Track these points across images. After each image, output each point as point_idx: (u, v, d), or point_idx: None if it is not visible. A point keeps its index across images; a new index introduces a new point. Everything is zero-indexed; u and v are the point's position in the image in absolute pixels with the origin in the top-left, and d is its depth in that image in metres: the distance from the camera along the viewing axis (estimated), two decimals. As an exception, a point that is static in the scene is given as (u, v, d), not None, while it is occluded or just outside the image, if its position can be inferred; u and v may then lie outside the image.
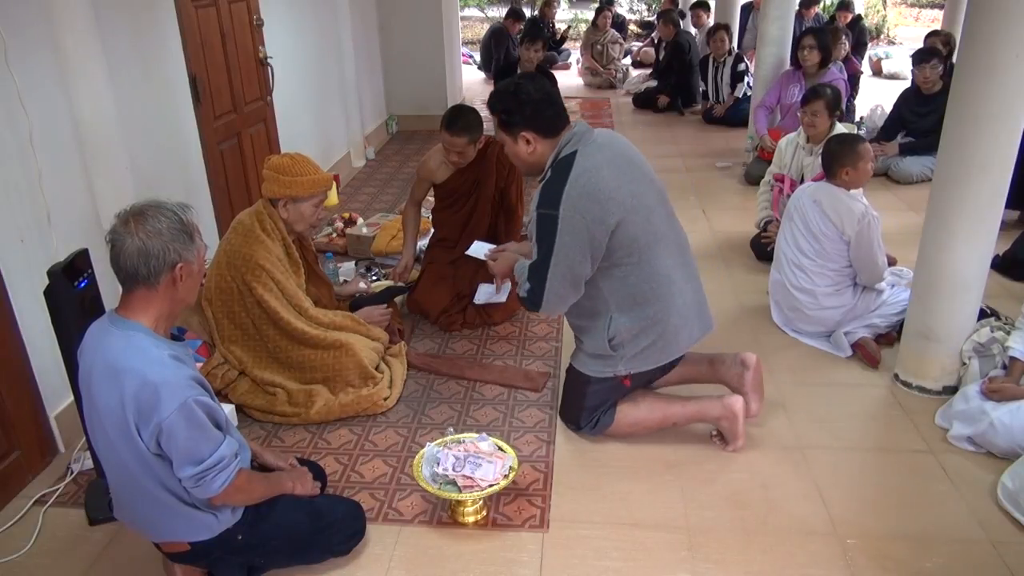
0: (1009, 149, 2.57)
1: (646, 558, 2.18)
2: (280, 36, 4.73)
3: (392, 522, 2.33)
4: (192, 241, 1.76)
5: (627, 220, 2.33)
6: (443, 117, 3.32)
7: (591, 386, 2.59)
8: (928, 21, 14.70)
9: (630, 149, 2.50)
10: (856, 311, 3.21)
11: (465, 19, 13.73)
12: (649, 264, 2.41)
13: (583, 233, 2.30)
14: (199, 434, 1.73)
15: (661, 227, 2.45)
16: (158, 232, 1.70)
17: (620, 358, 2.50)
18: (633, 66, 10.27)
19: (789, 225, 3.28)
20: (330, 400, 2.82)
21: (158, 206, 1.74)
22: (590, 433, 2.67)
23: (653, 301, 2.43)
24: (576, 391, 2.64)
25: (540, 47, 6.04)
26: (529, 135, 2.41)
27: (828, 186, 3.17)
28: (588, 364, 2.57)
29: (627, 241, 2.36)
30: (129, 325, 1.75)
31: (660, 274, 2.43)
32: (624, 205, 2.32)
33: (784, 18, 5.60)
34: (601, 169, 2.33)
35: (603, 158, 2.36)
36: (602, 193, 2.30)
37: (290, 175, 2.75)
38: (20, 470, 2.53)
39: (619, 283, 2.42)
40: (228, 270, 2.76)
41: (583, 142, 2.38)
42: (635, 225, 2.35)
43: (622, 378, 2.54)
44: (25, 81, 2.46)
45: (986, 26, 2.47)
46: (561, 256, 2.33)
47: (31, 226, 2.56)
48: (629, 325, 2.46)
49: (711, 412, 2.59)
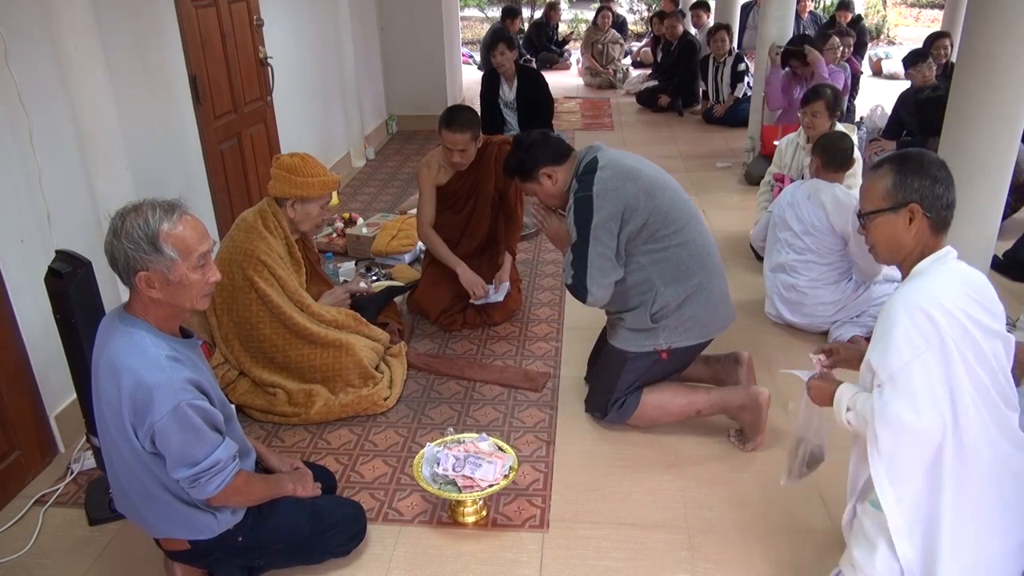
0: (1009, 149, 2.58)
1: (646, 558, 2.18)
2: (280, 36, 4.73)
3: (392, 522, 2.33)
4: (157, 251, 1.67)
5: (658, 192, 2.50)
6: (440, 118, 3.32)
7: (628, 363, 2.62)
8: (928, 21, 14.70)
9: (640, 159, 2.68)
10: (849, 308, 3.21)
11: (465, 19, 13.73)
12: (686, 235, 2.53)
13: (617, 203, 2.46)
14: (193, 437, 1.73)
15: (689, 206, 2.60)
16: (123, 237, 1.66)
17: (663, 329, 2.56)
18: (633, 66, 10.27)
19: (783, 219, 3.29)
20: (330, 400, 2.82)
21: (138, 209, 1.69)
22: (616, 418, 2.68)
23: (697, 271, 2.54)
24: (612, 370, 2.67)
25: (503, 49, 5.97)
26: (546, 169, 2.62)
27: (824, 183, 3.19)
28: (629, 340, 2.61)
29: (662, 214, 2.49)
30: (132, 322, 1.75)
31: (700, 245, 2.56)
32: (652, 180, 2.52)
33: (784, 18, 5.60)
34: (625, 159, 2.58)
35: (624, 155, 2.61)
36: (632, 171, 2.52)
37: (301, 175, 2.76)
38: (20, 470, 2.53)
39: (661, 256, 2.52)
40: (230, 266, 2.76)
41: (598, 150, 2.60)
42: (666, 200, 2.51)
43: (661, 351, 2.58)
44: (25, 81, 2.47)
45: (986, 26, 2.47)
46: (600, 231, 2.46)
47: (31, 226, 2.56)
48: (675, 295, 2.53)
49: (734, 400, 2.60)
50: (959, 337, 1.61)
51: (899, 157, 1.75)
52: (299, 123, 5.07)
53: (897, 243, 1.75)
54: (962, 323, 1.62)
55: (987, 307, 1.71)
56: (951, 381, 1.61)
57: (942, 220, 1.72)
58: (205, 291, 1.80)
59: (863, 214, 1.78)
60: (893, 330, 1.63)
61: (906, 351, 1.60)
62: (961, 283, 1.70)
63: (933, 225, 1.71)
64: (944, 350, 1.60)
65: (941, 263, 1.72)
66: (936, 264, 1.71)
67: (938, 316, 1.61)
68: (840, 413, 1.80)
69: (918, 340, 1.60)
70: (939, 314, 1.61)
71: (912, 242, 1.73)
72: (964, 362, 1.62)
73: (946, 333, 1.60)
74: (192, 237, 1.73)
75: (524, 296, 3.76)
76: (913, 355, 1.60)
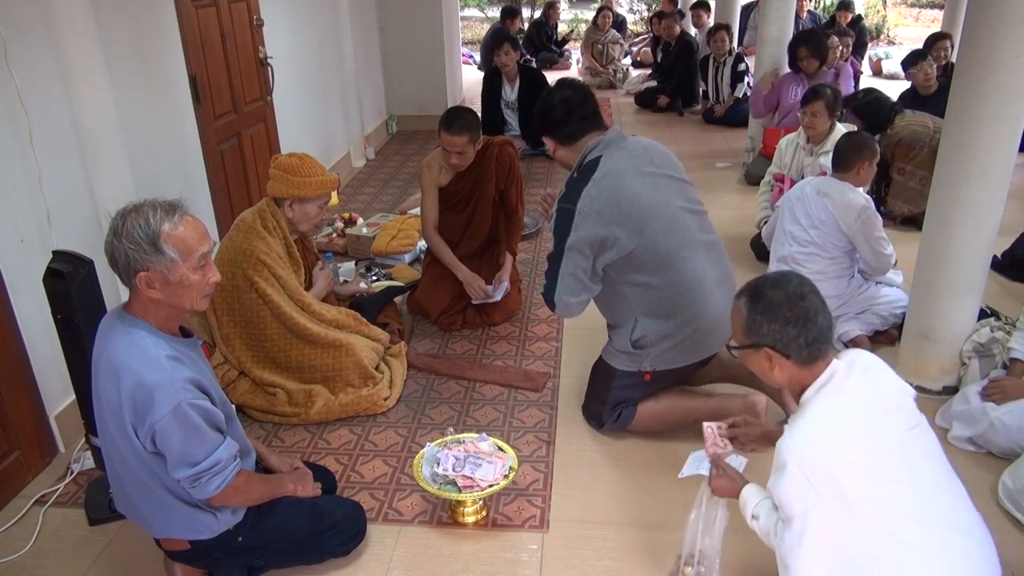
0: (1009, 149, 2.58)
1: (646, 558, 2.18)
2: (280, 36, 4.73)
3: (392, 522, 2.33)
4: (157, 252, 1.67)
5: (650, 225, 2.37)
6: (440, 120, 3.32)
7: (616, 379, 2.61)
8: (928, 21, 14.71)
9: (662, 156, 2.53)
10: (851, 303, 3.21)
11: (465, 19, 13.73)
12: (676, 272, 2.42)
13: (597, 230, 2.35)
14: (194, 437, 1.73)
15: (687, 233, 2.45)
16: (123, 237, 1.66)
17: (645, 356, 2.52)
18: (633, 66, 10.27)
19: (788, 214, 3.29)
20: (330, 400, 2.82)
21: (139, 209, 1.69)
22: (612, 428, 2.68)
23: (682, 308, 2.44)
24: (602, 383, 2.67)
25: (508, 49, 6.01)
26: (548, 139, 2.56)
27: (834, 180, 3.19)
28: (615, 357, 2.61)
29: (648, 250, 2.38)
30: (132, 322, 1.75)
31: (688, 280, 2.43)
32: (645, 209, 2.37)
33: (784, 18, 5.60)
34: (624, 174, 2.39)
35: (628, 165, 2.42)
36: (624, 198, 2.36)
37: (299, 175, 2.76)
38: (20, 470, 2.53)
39: (643, 290, 2.45)
40: (229, 266, 2.76)
41: (611, 147, 2.45)
42: (658, 233, 2.38)
43: (644, 373, 2.56)
44: (25, 81, 2.47)
45: (986, 26, 2.47)
46: (574, 251, 2.39)
47: (31, 226, 2.56)
48: (656, 329, 2.47)
49: (732, 408, 2.59)
50: (858, 480, 1.52)
51: (752, 291, 1.68)
52: (299, 123, 5.07)
53: (769, 377, 1.69)
54: (853, 460, 1.54)
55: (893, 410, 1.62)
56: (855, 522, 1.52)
57: (806, 357, 1.62)
58: (205, 292, 1.80)
59: (731, 347, 1.75)
60: (784, 480, 1.56)
61: (798, 503, 1.55)
62: (856, 407, 1.60)
63: (798, 362, 1.63)
64: (840, 496, 1.52)
65: (824, 395, 1.61)
66: (820, 396, 1.61)
67: (829, 465, 1.53)
68: (746, 517, 1.78)
69: (809, 494, 1.53)
70: (834, 466, 1.53)
71: (783, 377, 1.66)
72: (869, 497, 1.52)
73: (845, 484, 1.52)
74: (193, 238, 1.73)
75: (524, 296, 3.76)
76: (806, 507, 1.54)
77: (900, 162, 4.42)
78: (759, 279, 1.72)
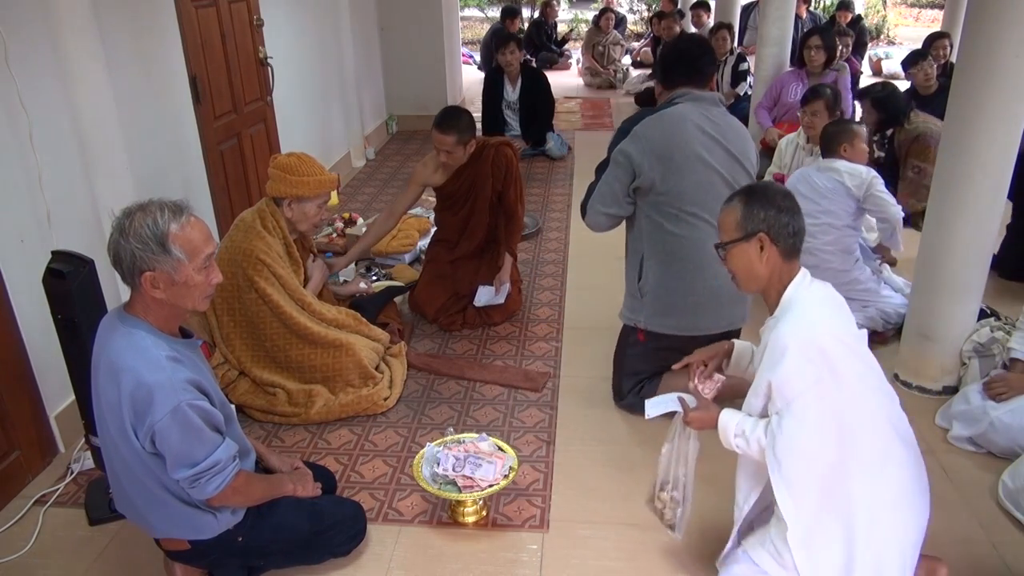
0: (1009, 149, 2.58)
1: (646, 558, 2.18)
2: (280, 36, 4.73)
3: (392, 522, 2.33)
4: (165, 252, 1.67)
5: (687, 174, 2.47)
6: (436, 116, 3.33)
7: (627, 344, 2.74)
8: (928, 21, 14.70)
9: (735, 133, 2.58)
10: (857, 292, 3.20)
11: (465, 19, 13.73)
12: (689, 228, 2.52)
13: (639, 155, 2.47)
14: (193, 438, 1.73)
15: (715, 203, 2.46)
16: (130, 237, 1.67)
17: (643, 307, 2.63)
18: (633, 66, 10.27)
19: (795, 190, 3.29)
20: (330, 400, 2.82)
21: (145, 209, 1.70)
22: (633, 401, 2.72)
23: (682, 261, 2.54)
24: (619, 350, 2.82)
25: (513, 48, 6.02)
26: (655, 84, 2.79)
27: (830, 159, 3.26)
28: (625, 305, 2.72)
29: (676, 193, 2.49)
30: (133, 322, 1.75)
31: (696, 241, 2.52)
32: (685, 161, 2.47)
33: (784, 18, 5.59)
34: (687, 121, 2.50)
35: (697, 118, 2.51)
36: (676, 136, 2.48)
37: (297, 175, 2.76)
38: (20, 470, 2.53)
39: (656, 228, 2.55)
40: (229, 266, 2.76)
41: (694, 101, 2.55)
42: (683, 185, 2.48)
43: (639, 329, 2.66)
44: (25, 81, 2.47)
45: (986, 26, 2.47)
46: (616, 163, 2.54)
47: (31, 226, 2.56)
48: (656, 273, 2.58)
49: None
50: (844, 356, 1.73)
51: (747, 190, 1.90)
52: (299, 123, 5.07)
53: (753, 271, 1.85)
54: (844, 343, 1.75)
55: (848, 317, 1.85)
56: (846, 402, 1.71)
57: (791, 247, 1.83)
58: (207, 292, 1.81)
59: (720, 245, 1.90)
60: (785, 362, 1.71)
61: (799, 383, 1.71)
62: (829, 304, 1.83)
63: (783, 252, 1.82)
64: (835, 375, 1.70)
65: (805, 289, 1.82)
66: (801, 291, 1.82)
67: (827, 345, 1.72)
68: (727, 439, 1.86)
69: (810, 372, 1.70)
70: (827, 342, 1.73)
71: (765, 269, 1.84)
72: (857, 376, 1.74)
73: (835, 358, 1.71)
74: (199, 239, 1.74)
75: (524, 296, 3.76)
76: (806, 386, 1.70)
77: (915, 159, 4.36)
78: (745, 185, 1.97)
